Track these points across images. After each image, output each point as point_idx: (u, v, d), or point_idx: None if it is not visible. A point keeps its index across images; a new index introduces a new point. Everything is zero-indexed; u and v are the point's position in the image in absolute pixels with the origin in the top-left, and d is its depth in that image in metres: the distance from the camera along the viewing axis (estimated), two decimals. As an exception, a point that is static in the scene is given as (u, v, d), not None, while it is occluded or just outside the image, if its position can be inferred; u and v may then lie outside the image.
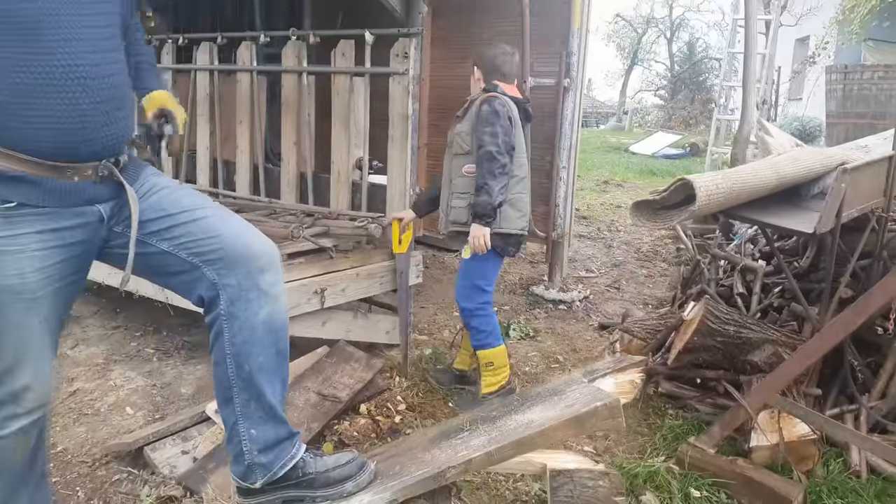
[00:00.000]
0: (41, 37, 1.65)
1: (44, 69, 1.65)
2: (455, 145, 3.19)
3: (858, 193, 2.83)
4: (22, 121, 1.66)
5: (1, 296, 1.73)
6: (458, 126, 3.18)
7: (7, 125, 1.66)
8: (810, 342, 2.62)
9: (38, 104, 1.66)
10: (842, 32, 12.89)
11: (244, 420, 2.01)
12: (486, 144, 2.99)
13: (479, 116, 3.07)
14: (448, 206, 3.21)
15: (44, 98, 1.66)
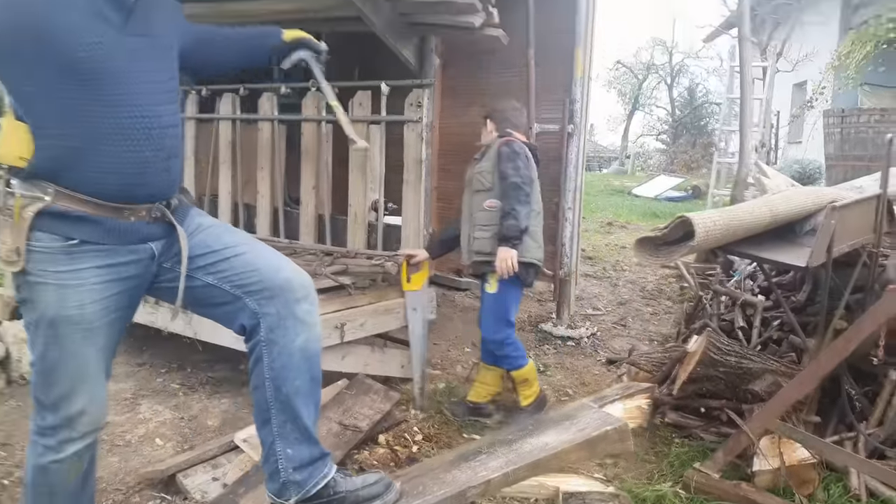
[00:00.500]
0: (113, 89, 1.83)
1: (114, 119, 1.84)
2: (476, 182, 3.47)
3: (848, 230, 3.02)
4: (89, 164, 1.84)
5: (61, 326, 1.90)
6: (477, 166, 3.48)
7: (75, 167, 1.83)
8: (807, 368, 2.78)
9: (106, 150, 1.84)
10: (838, 77, 13.17)
11: (281, 440, 2.17)
12: (511, 176, 3.31)
13: (500, 155, 3.39)
14: (471, 238, 3.45)
15: (111, 145, 1.84)
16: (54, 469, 2.02)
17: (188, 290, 2.11)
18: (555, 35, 4.76)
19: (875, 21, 12.02)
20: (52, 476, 2.03)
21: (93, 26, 1.81)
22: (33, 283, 1.88)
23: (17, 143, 1.82)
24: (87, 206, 1.86)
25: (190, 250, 2.07)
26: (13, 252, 1.85)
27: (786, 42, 15.60)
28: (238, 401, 3.73)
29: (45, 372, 1.95)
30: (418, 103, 3.73)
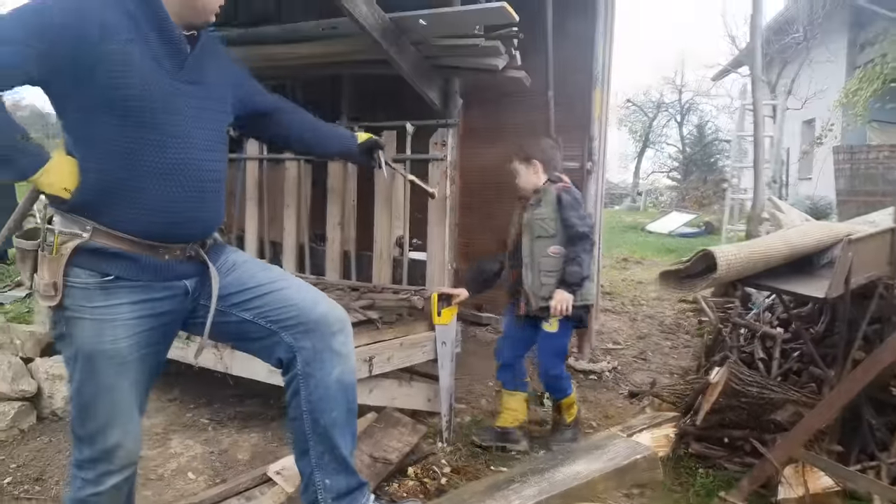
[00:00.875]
0: (160, 131, 1.93)
1: (157, 160, 1.93)
2: (538, 228, 3.54)
3: (864, 262, 3.09)
4: (129, 202, 1.92)
5: (96, 360, 1.97)
6: (536, 212, 3.56)
7: (115, 204, 1.91)
8: (829, 396, 2.84)
9: (146, 189, 1.92)
10: (846, 115, 13.33)
11: (319, 470, 2.24)
12: (578, 226, 3.45)
13: (561, 203, 3.50)
14: (538, 284, 3.53)
15: (152, 185, 1.93)
16: (93, 502, 2.08)
17: (224, 325, 2.19)
18: (573, 76, 4.91)
19: (881, 60, 12.22)
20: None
21: (147, 70, 1.90)
22: (70, 318, 1.96)
23: (64, 174, 1.89)
24: (123, 244, 1.94)
25: (225, 288, 2.16)
26: (51, 287, 1.93)
27: (794, 80, 15.80)
28: (267, 435, 3.80)
29: (81, 406, 2.02)
30: (443, 142, 3.85)
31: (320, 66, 4.35)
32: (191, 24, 2.04)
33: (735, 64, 19.87)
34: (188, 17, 2.02)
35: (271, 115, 2.51)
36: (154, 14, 1.94)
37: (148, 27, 1.93)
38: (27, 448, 3.63)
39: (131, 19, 1.90)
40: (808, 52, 15.12)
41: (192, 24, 2.04)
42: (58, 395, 3.97)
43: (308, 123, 2.66)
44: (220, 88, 2.16)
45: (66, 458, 3.53)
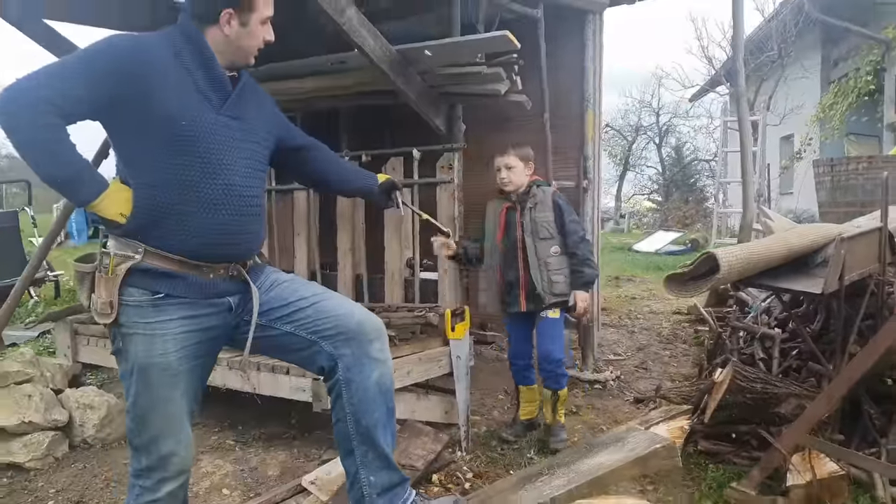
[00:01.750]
0: (205, 161, 2.13)
1: (202, 187, 2.12)
2: (542, 231, 3.78)
3: (856, 260, 3.30)
4: (176, 226, 2.11)
5: (150, 373, 2.15)
6: (537, 215, 3.80)
7: (163, 228, 2.10)
8: (831, 385, 3.03)
9: (192, 214, 2.12)
10: (823, 129, 13.72)
11: (364, 468, 2.39)
12: (580, 231, 3.83)
13: (559, 207, 3.82)
14: (549, 282, 3.77)
15: (197, 210, 2.12)
16: None
17: (269, 339, 2.37)
18: (566, 99, 5.14)
19: (854, 74, 12.62)
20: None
21: (195, 103, 2.12)
22: (126, 334, 2.14)
23: (120, 202, 2.08)
24: (171, 264, 2.13)
25: (267, 304, 2.34)
26: (107, 305, 2.12)
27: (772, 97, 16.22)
28: (293, 452, 3.93)
29: (137, 417, 2.18)
30: (450, 165, 4.06)
31: (328, 99, 4.55)
32: (233, 64, 2.26)
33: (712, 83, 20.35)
34: (231, 58, 2.24)
35: (302, 152, 2.69)
36: (200, 54, 2.16)
37: (195, 66, 2.15)
38: (63, 474, 3.75)
39: (178, 57, 2.12)
40: (783, 69, 15.55)
41: (234, 65, 2.26)
42: (88, 424, 4.10)
43: (333, 163, 2.83)
44: (259, 123, 2.36)
45: (102, 482, 3.67)
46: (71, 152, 2.02)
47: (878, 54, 12.05)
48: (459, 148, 4.08)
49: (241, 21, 2.19)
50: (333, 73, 4.26)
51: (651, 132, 32.43)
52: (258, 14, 2.22)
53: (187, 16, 2.21)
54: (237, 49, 2.23)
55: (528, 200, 3.83)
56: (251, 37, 2.23)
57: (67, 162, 2.02)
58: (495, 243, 3.91)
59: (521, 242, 3.81)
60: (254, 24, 2.21)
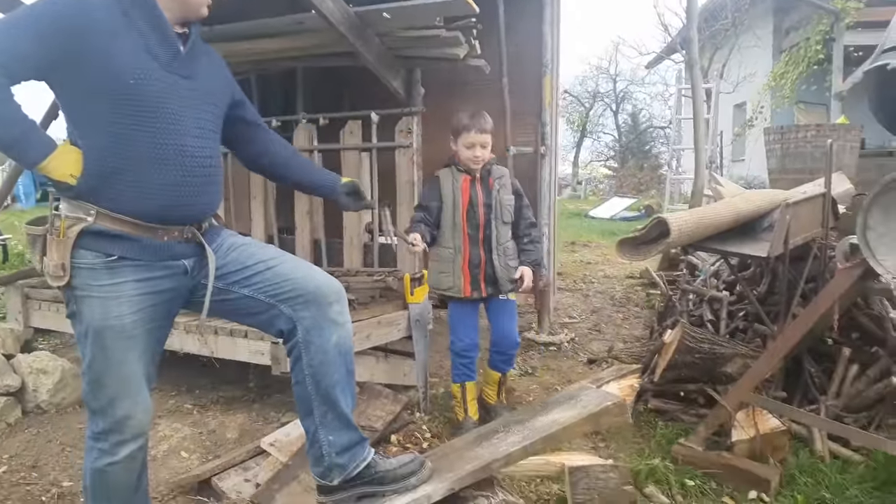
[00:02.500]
0: (154, 119, 2.08)
1: (152, 146, 2.09)
2: (506, 214, 3.60)
3: (800, 225, 3.43)
4: (128, 186, 2.08)
5: (105, 335, 2.14)
6: (503, 196, 3.59)
7: (114, 188, 2.07)
8: (774, 344, 3.16)
9: (143, 174, 2.08)
10: (774, 97, 13.97)
11: (323, 428, 2.42)
12: (531, 216, 3.73)
13: (518, 191, 3.68)
14: (506, 266, 3.59)
15: (148, 170, 2.09)
16: (110, 471, 2.24)
17: (226, 302, 2.37)
18: (524, 65, 5.16)
19: (805, 44, 12.84)
20: (109, 477, 2.25)
21: (141, 62, 2.07)
22: (79, 297, 2.13)
23: (69, 162, 2.05)
24: (124, 226, 2.10)
25: (225, 267, 2.33)
26: (59, 268, 2.10)
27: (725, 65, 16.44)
28: (252, 415, 3.96)
29: (93, 380, 2.18)
30: (408, 130, 4.07)
31: (285, 60, 4.52)
32: (183, 19, 2.20)
33: (668, 51, 20.56)
34: (180, 13, 2.18)
35: (253, 128, 2.58)
36: (148, 10, 2.12)
37: (142, 23, 2.10)
38: (17, 440, 3.73)
39: (126, 16, 2.08)
40: (736, 37, 15.76)
41: (184, 19, 2.21)
42: (42, 389, 4.07)
43: (288, 150, 2.72)
44: (212, 83, 2.31)
45: (58, 446, 3.66)
46: (16, 112, 1.98)
47: (828, 24, 12.29)
48: (418, 112, 4.10)
49: None
50: (290, 35, 4.21)
51: (608, 99, 32.66)
52: None
53: None
54: (185, 3, 2.18)
55: (490, 179, 3.60)
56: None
57: (12, 121, 1.97)
58: (458, 221, 3.58)
59: (482, 222, 3.57)
60: None
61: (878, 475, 2.96)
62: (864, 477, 2.97)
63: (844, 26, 11.92)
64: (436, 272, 3.69)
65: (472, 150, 3.51)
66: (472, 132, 3.49)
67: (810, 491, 2.89)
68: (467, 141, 3.51)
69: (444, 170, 3.66)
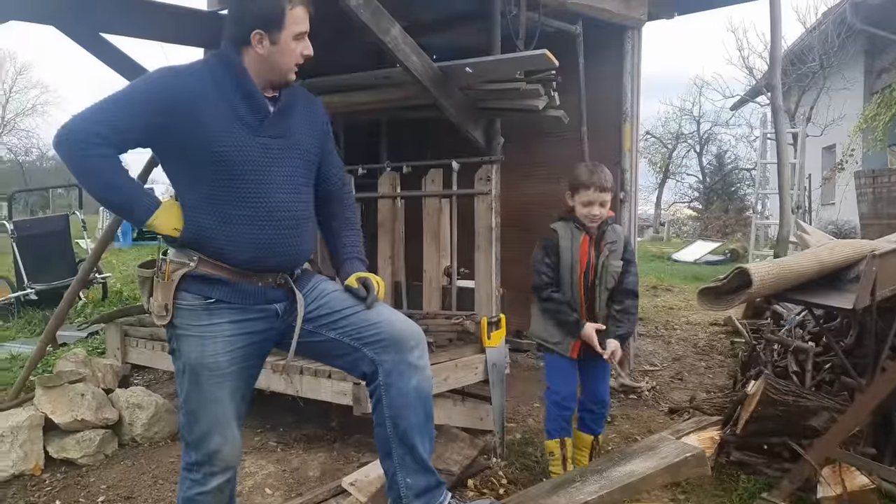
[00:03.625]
0: (243, 181, 2.27)
1: (241, 207, 2.27)
2: (610, 281, 3.41)
3: (889, 276, 3.34)
4: (225, 241, 2.27)
5: (201, 373, 2.31)
6: (610, 262, 3.40)
7: (215, 242, 2.27)
8: (862, 398, 3.08)
9: (235, 231, 2.27)
10: (866, 140, 13.56)
11: (401, 470, 2.49)
12: (636, 286, 3.48)
13: (628, 260, 3.47)
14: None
15: (242, 226, 2.28)
16: (200, 500, 2.38)
17: (314, 343, 2.49)
18: (604, 111, 5.23)
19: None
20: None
21: (233, 128, 2.26)
22: (180, 335, 2.32)
23: (172, 219, 2.29)
24: (222, 272, 2.29)
25: (314, 311, 2.46)
26: (162, 308, 2.30)
27: (813, 108, 16.06)
28: (333, 454, 4.06)
29: (188, 413, 2.34)
30: (487, 177, 4.16)
31: (371, 112, 4.70)
32: (271, 82, 2.37)
33: (753, 94, 20.20)
34: (268, 76, 2.35)
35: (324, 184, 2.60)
36: (236, 80, 2.30)
37: (233, 92, 2.29)
38: (113, 471, 3.93)
39: (217, 85, 2.28)
40: (824, 80, 15.39)
41: (272, 83, 2.37)
42: (137, 423, 4.28)
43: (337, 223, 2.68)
44: (304, 137, 2.45)
45: (150, 478, 3.84)
46: (121, 178, 2.26)
47: (923, 65, 11.91)
48: (498, 160, 4.18)
49: (271, 40, 2.27)
50: (378, 88, 4.40)
51: (692, 140, 32.23)
52: (289, 31, 2.28)
53: (226, 41, 2.35)
54: (272, 68, 2.32)
55: (602, 242, 3.40)
56: (284, 54, 2.30)
57: (118, 188, 2.25)
58: (575, 280, 3.39)
59: (589, 286, 3.41)
60: (285, 41, 2.29)
61: (972, 538, 2.84)
62: (959, 539, 2.86)
63: (940, 67, 11.55)
64: (542, 324, 3.48)
65: (589, 209, 3.34)
66: (591, 190, 3.31)
67: (901, 553, 2.79)
68: (585, 199, 3.33)
69: (560, 223, 3.44)
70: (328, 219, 2.67)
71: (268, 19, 2.25)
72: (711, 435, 3.27)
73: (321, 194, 2.61)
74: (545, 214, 3.79)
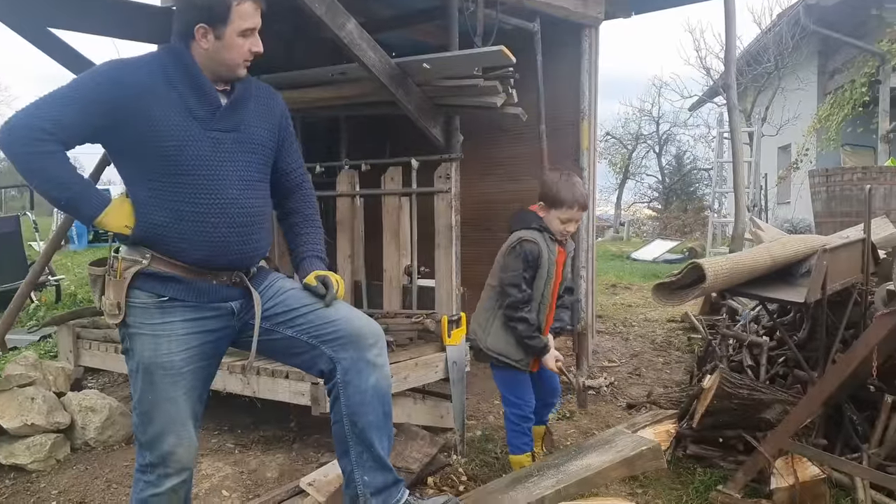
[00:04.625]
0: (194, 177, 2.23)
1: (193, 203, 2.23)
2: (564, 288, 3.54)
3: (839, 271, 3.41)
4: (178, 238, 2.23)
5: (155, 372, 2.27)
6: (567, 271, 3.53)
7: (167, 240, 2.23)
8: (813, 389, 3.13)
9: (187, 227, 2.23)
10: (820, 139, 13.84)
11: (359, 468, 2.48)
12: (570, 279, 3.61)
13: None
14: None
15: (192, 223, 2.24)
16: (154, 502, 2.34)
17: (271, 342, 2.47)
18: (562, 110, 5.26)
19: (850, 86, 12.74)
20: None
21: (183, 122, 2.22)
22: (133, 334, 2.27)
23: (122, 216, 2.23)
24: (176, 269, 2.26)
25: (271, 309, 2.44)
26: (115, 306, 2.26)
27: (768, 108, 16.35)
28: (291, 455, 4.01)
29: (142, 414, 2.30)
30: (447, 175, 4.16)
31: (329, 109, 4.67)
32: (219, 77, 2.33)
33: (710, 94, 20.51)
34: (215, 71, 2.31)
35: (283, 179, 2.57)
36: (186, 72, 2.26)
37: (183, 85, 2.25)
38: (65, 476, 3.84)
39: (167, 77, 2.23)
40: (779, 80, 15.68)
41: (221, 78, 2.33)
42: (90, 426, 4.19)
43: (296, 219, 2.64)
44: (257, 131, 2.41)
45: (104, 483, 3.76)
46: (67, 175, 2.20)
47: (873, 66, 12.17)
48: (457, 158, 4.18)
49: (216, 35, 2.23)
50: (335, 84, 4.36)
51: (651, 140, 32.57)
52: (234, 26, 2.23)
53: (174, 34, 2.31)
54: (219, 63, 2.28)
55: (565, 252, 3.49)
56: (230, 50, 2.26)
57: (64, 184, 2.19)
58: (546, 294, 3.39)
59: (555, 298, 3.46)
60: (230, 37, 2.24)
61: (922, 526, 2.91)
62: (908, 528, 2.92)
63: (891, 68, 11.80)
64: (506, 339, 3.39)
65: (567, 226, 3.35)
66: (574, 209, 3.31)
67: (851, 541, 2.84)
68: (566, 216, 3.32)
69: (535, 234, 3.33)
70: (287, 215, 2.64)
71: (212, 14, 2.21)
72: (667, 429, 3.31)
73: (280, 190, 2.58)
74: (505, 212, 3.83)
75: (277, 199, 2.59)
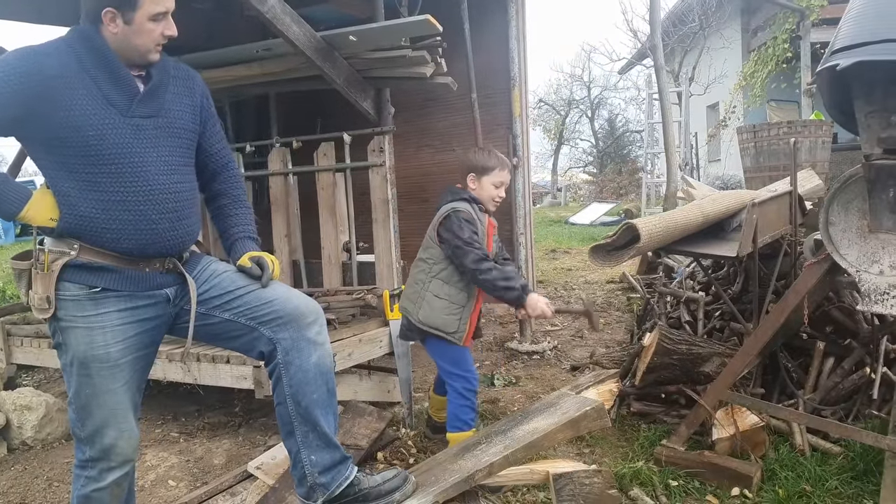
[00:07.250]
0: (117, 164, 2.15)
1: (120, 191, 2.15)
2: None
3: (769, 223, 3.50)
4: (105, 228, 2.15)
5: (91, 365, 2.20)
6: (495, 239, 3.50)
7: (95, 230, 2.15)
8: (747, 341, 3.22)
9: (115, 216, 2.15)
10: (746, 96, 14.15)
11: (305, 448, 2.46)
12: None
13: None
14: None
15: (119, 212, 2.15)
16: (96, 497, 2.29)
17: (208, 326, 2.41)
18: (493, 78, 5.24)
19: (773, 42, 13.03)
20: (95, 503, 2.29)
21: (100, 110, 2.12)
22: (65, 328, 2.19)
23: (46, 208, 2.14)
24: (107, 259, 2.18)
25: (206, 293, 2.38)
26: (44, 300, 2.16)
27: (695, 67, 16.63)
28: (238, 440, 3.97)
29: (79, 409, 2.23)
30: (380, 149, 4.11)
31: (256, 86, 4.56)
32: (132, 62, 2.22)
33: (639, 56, 20.75)
34: (127, 56, 2.19)
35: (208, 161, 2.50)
36: (100, 56, 2.15)
37: (97, 70, 2.14)
38: (3, 478, 3.72)
39: (80, 63, 2.12)
40: (705, 39, 15.95)
41: (133, 63, 2.22)
42: (26, 425, 4.06)
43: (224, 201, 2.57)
44: (179, 115, 2.32)
45: (44, 482, 3.65)
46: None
47: (794, 22, 12.46)
48: (389, 131, 4.13)
49: (125, 20, 2.13)
50: (260, 61, 4.26)
51: (584, 105, 32.85)
52: (144, 11, 2.13)
53: (82, 16, 2.19)
54: (130, 48, 2.18)
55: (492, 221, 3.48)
56: (140, 34, 2.16)
57: None
58: None
59: None
60: (140, 21, 2.13)
61: (856, 465, 3.02)
62: (843, 468, 3.03)
63: (810, 24, 12.10)
64: (440, 311, 3.30)
65: (499, 189, 3.37)
66: (504, 170, 3.35)
67: (791, 484, 2.94)
68: (497, 179, 3.34)
69: (465, 204, 3.30)
70: (215, 197, 2.56)
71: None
72: (610, 388, 3.36)
73: (206, 172, 2.50)
74: (442, 184, 3.79)
75: (203, 181, 2.51)
